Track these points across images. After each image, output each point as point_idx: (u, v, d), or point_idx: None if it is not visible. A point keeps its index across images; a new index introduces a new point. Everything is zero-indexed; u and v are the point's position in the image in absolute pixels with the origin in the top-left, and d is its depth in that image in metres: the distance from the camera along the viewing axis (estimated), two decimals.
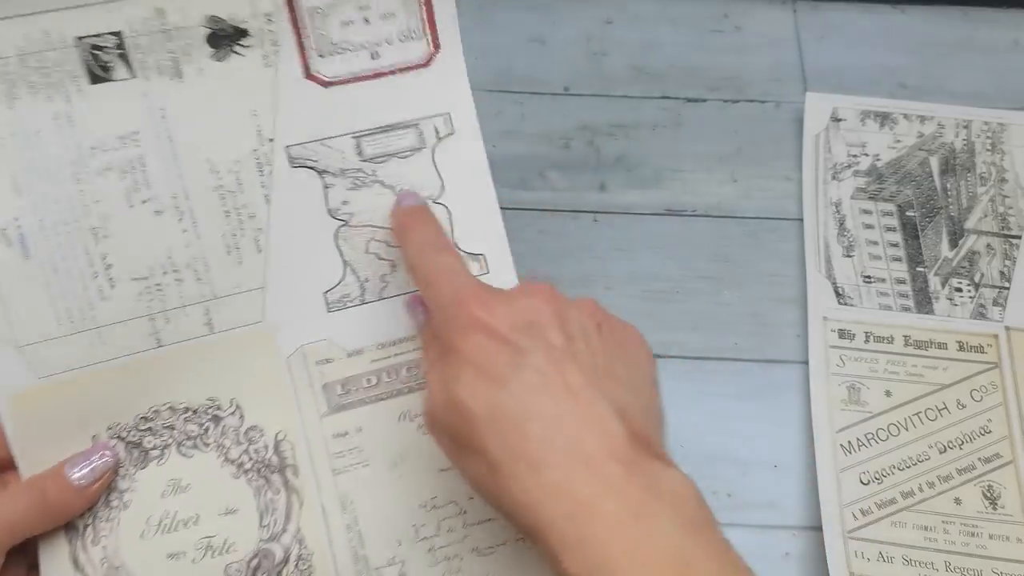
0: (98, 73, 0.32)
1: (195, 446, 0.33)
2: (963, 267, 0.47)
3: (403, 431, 0.34)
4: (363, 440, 0.34)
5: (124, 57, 0.32)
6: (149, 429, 0.33)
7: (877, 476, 0.42)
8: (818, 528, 0.41)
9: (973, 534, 0.41)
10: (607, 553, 0.25)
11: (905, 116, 0.50)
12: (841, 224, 0.48)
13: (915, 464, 0.42)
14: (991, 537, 0.41)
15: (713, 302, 0.46)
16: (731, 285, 0.47)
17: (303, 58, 0.34)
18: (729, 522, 0.41)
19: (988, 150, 0.50)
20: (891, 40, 0.54)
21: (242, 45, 0.33)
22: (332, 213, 0.34)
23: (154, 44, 0.32)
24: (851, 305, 0.46)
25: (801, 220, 0.48)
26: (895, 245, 0.47)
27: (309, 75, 0.34)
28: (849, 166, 0.49)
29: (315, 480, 0.33)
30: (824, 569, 0.40)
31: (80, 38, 0.31)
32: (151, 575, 0.32)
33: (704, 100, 0.52)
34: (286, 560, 0.32)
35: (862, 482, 0.42)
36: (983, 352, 0.45)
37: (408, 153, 0.35)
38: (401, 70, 0.35)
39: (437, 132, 0.35)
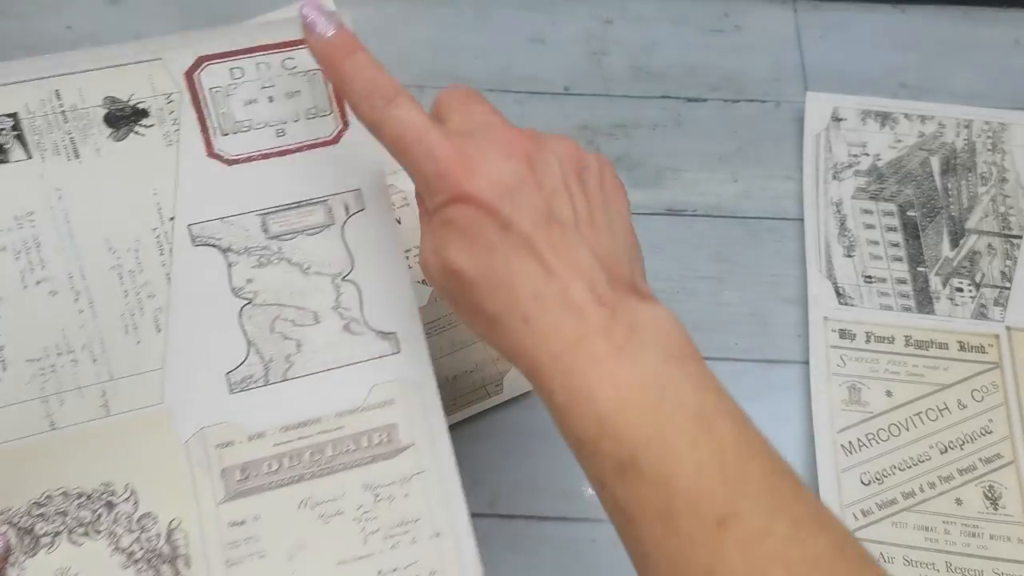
0: None
1: (86, 533, 0.32)
2: (964, 267, 0.47)
3: (303, 519, 0.32)
4: (260, 529, 0.32)
5: (20, 138, 0.32)
6: (41, 515, 0.32)
7: (878, 476, 0.42)
8: None
9: (974, 534, 0.41)
10: (589, 383, 0.27)
11: (906, 116, 0.50)
12: (842, 224, 0.48)
13: (916, 464, 0.42)
14: (992, 537, 0.41)
15: (713, 302, 0.46)
16: (731, 285, 0.47)
17: (205, 136, 0.34)
18: None
19: (989, 150, 0.50)
20: (892, 40, 0.54)
21: (142, 125, 0.33)
22: (236, 292, 0.33)
23: (51, 125, 0.32)
24: (852, 305, 0.46)
25: (802, 220, 0.48)
26: (896, 245, 0.47)
27: (212, 153, 0.34)
28: (850, 166, 0.49)
29: (207, 572, 0.32)
30: None
31: None
32: None
33: (704, 100, 0.52)
34: None
35: (863, 482, 0.42)
36: (984, 352, 0.45)
37: (316, 230, 0.34)
38: (308, 147, 0.34)
39: (347, 208, 0.34)
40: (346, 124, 0.35)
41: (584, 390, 0.27)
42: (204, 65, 0.34)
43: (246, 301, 0.34)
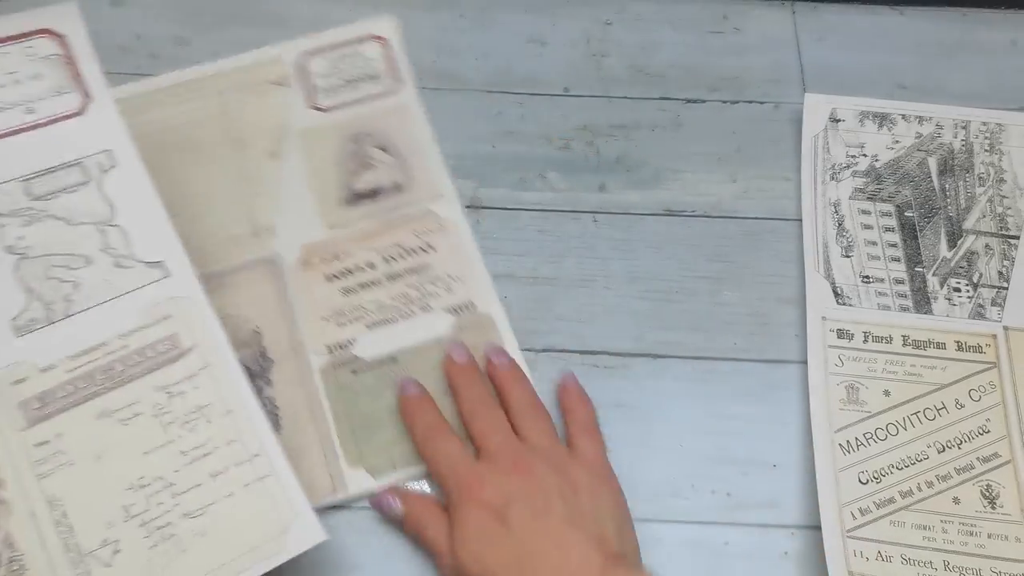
0: None
1: None
2: (961, 267, 0.47)
3: (104, 426, 0.37)
4: (66, 443, 0.36)
5: None
6: None
7: (876, 475, 0.42)
8: (817, 527, 0.41)
9: (972, 533, 0.41)
10: None
11: (903, 117, 0.51)
12: (840, 224, 0.48)
13: (914, 464, 0.42)
14: (990, 536, 0.41)
15: (713, 302, 0.47)
16: (731, 285, 0.47)
17: None
18: (728, 521, 0.42)
19: (986, 150, 0.50)
20: (889, 41, 0.54)
21: None
22: (9, 250, 0.38)
23: None
24: (850, 305, 0.46)
25: (800, 220, 0.48)
26: (894, 245, 0.47)
27: None
28: (848, 166, 0.49)
29: (21, 488, 0.36)
30: (823, 568, 0.40)
31: None
32: None
33: (703, 101, 0.52)
34: None
35: (861, 481, 0.42)
36: (981, 352, 0.45)
37: (75, 188, 0.40)
38: (58, 119, 0.40)
39: (101, 167, 0.40)
40: (89, 97, 0.41)
41: None
42: None
43: (19, 256, 0.39)
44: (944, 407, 0.43)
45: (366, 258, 0.46)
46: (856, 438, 0.43)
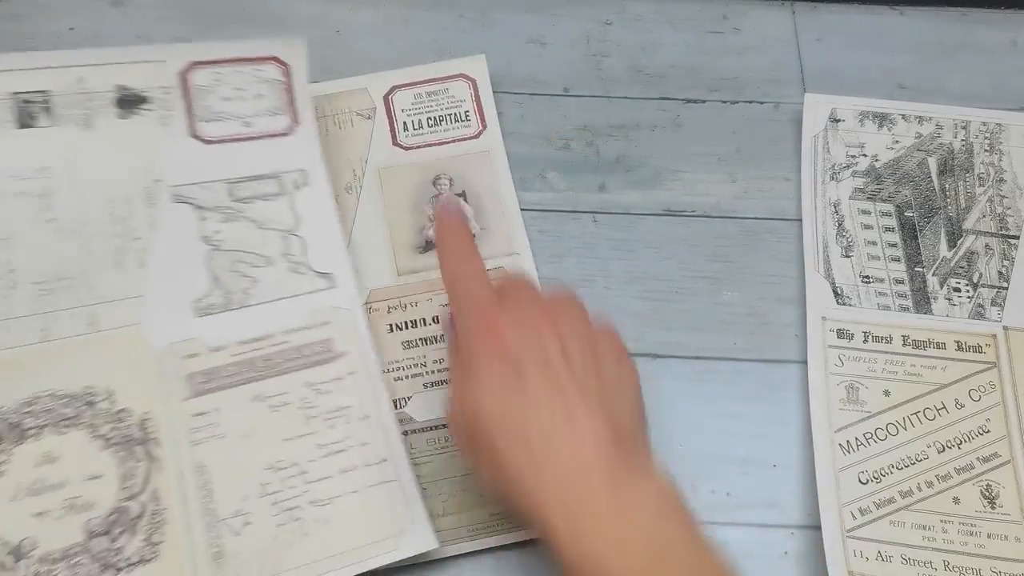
0: (25, 121, 0.42)
1: (69, 425, 0.39)
2: (961, 267, 0.47)
3: (255, 409, 0.40)
4: (220, 418, 0.40)
5: (48, 110, 0.42)
6: (29, 412, 0.39)
7: (876, 475, 0.42)
8: (817, 527, 0.41)
9: (971, 533, 0.41)
10: (595, 543, 0.31)
11: (903, 117, 0.51)
12: (840, 224, 0.48)
13: (914, 463, 0.42)
14: (989, 536, 0.41)
15: (713, 302, 0.47)
16: (730, 285, 0.47)
17: (190, 121, 0.44)
18: (728, 521, 0.42)
19: (986, 150, 0.50)
20: (889, 41, 0.54)
21: (143, 108, 0.44)
22: (205, 240, 0.43)
23: (73, 102, 0.43)
24: (850, 305, 0.46)
25: (800, 220, 0.48)
26: (893, 245, 0.47)
27: (194, 134, 0.44)
28: (848, 166, 0.49)
29: (174, 450, 0.39)
30: (823, 568, 0.40)
31: (15, 93, 0.42)
32: (18, 531, 0.37)
33: (703, 101, 0.52)
34: (141, 514, 0.38)
35: (861, 481, 0.42)
36: (981, 352, 0.45)
37: (271, 197, 0.44)
38: (268, 136, 0.45)
39: (295, 183, 0.45)
40: (298, 122, 0.46)
41: (591, 552, 0.31)
42: (195, 68, 0.45)
43: (213, 247, 0.43)
44: (944, 407, 0.43)
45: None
46: (856, 438, 0.43)
